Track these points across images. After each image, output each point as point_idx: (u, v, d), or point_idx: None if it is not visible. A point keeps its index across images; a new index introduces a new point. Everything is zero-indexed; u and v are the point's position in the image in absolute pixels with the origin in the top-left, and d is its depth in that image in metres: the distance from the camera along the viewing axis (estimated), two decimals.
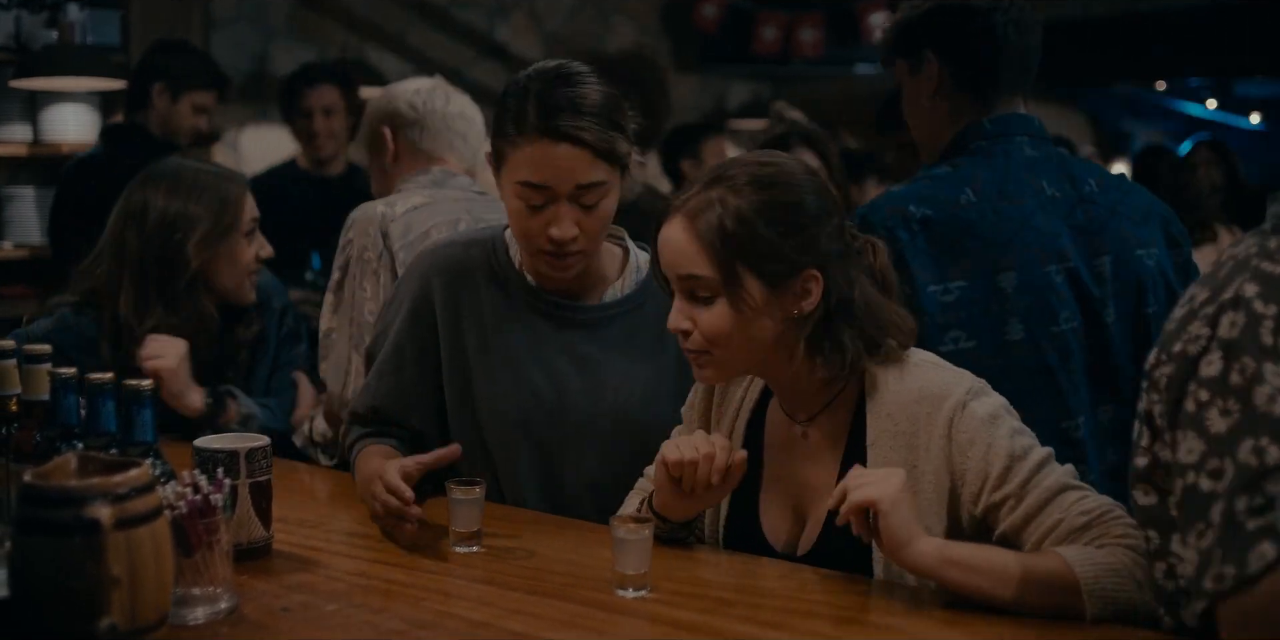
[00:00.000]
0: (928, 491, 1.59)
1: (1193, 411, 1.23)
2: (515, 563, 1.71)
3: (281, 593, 1.58)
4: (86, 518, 1.25)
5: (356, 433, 2.08)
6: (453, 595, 1.59)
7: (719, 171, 1.65)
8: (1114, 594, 1.43)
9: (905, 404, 1.62)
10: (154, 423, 1.61)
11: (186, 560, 1.46)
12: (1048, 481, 1.53)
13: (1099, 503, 1.51)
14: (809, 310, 1.62)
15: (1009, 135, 2.09)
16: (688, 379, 2.00)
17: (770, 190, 1.62)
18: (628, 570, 1.57)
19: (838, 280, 1.63)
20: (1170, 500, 1.30)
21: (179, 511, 1.46)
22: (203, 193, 2.47)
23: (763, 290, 1.61)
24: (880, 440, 1.63)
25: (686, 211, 1.63)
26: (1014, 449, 1.55)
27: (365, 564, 1.72)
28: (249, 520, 1.70)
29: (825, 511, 1.63)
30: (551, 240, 1.86)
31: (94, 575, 1.25)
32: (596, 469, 1.97)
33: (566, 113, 1.80)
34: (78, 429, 1.64)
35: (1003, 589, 1.45)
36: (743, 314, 1.61)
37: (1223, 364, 1.21)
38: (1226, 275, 1.27)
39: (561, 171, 1.82)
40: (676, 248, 1.64)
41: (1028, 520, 1.53)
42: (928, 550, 1.47)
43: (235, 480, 1.67)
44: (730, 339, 1.63)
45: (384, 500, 1.76)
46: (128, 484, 1.30)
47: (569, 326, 1.99)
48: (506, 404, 1.97)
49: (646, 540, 1.57)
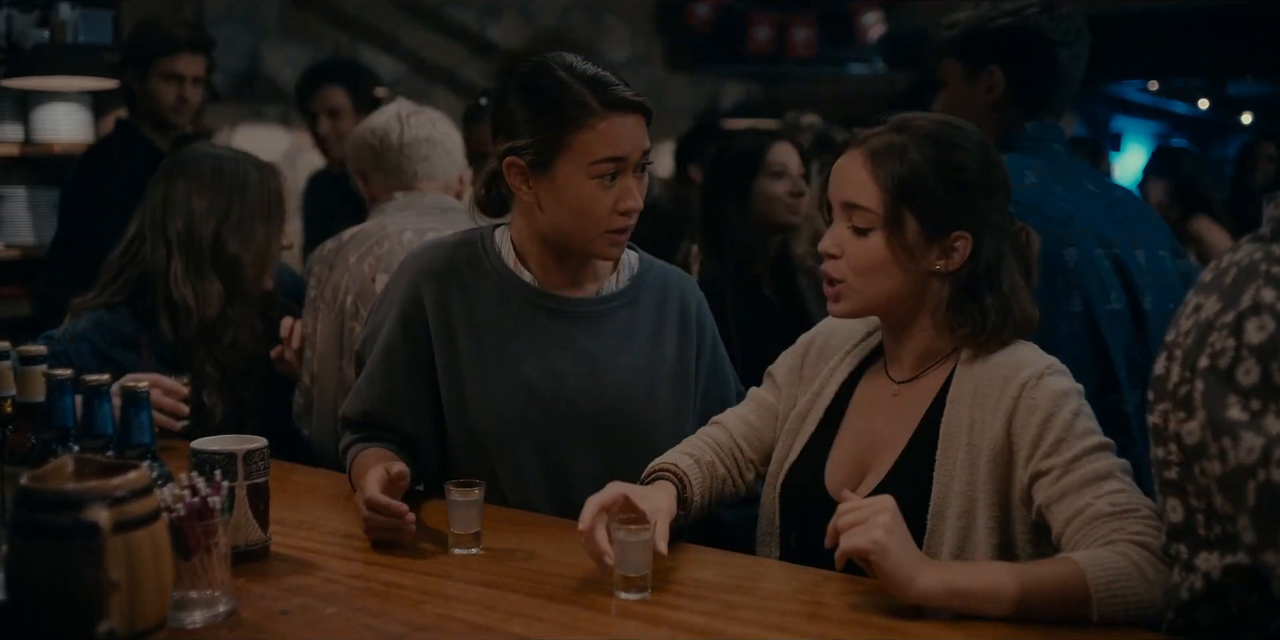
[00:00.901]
0: (984, 453, 1.64)
1: (1245, 419, 1.20)
2: (516, 565, 1.70)
3: (280, 596, 1.57)
4: (85, 521, 1.24)
5: (349, 438, 2.07)
6: (453, 598, 1.58)
7: (906, 120, 1.74)
8: (1124, 598, 1.43)
9: (991, 368, 1.69)
10: (151, 424, 1.59)
11: (184, 563, 1.45)
12: (1096, 464, 1.57)
13: (1131, 499, 1.54)
14: (953, 268, 1.71)
15: (1046, 140, 2.28)
16: (686, 372, 2.01)
17: (947, 148, 1.71)
18: (629, 573, 1.56)
19: (988, 249, 1.71)
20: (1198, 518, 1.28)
21: (177, 514, 1.44)
22: (246, 181, 2.51)
23: (918, 236, 1.70)
24: (959, 398, 1.70)
25: (869, 148, 1.72)
26: (1074, 426, 1.61)
27: (363, 566, 1.71)
28: (246, 523, 1.69)
29: (887, 465, 1.72)
30: (625, 214, 1.90)
31: (93, 579, 1.24)
32: (599, 464, 1.95)
33: (616, 85, 1.87)
34: (73, 431, 1.62)
35: (1010, 610, 1.45)
36: (893, 253, 1.70)
37: (1260, 369, 1.19)
38: (1235, 284, 1.25)
39: (633, 140, 1.88)
40: (851, 178, 1.72)
41: (1063, 495, 1.56)
42: (932, 585, 1.47)
43: (233, 482, 1.65)
44: (873, 273, 1.71)
45: (379, 523, 1.75)
46: (126, 487, 1.29)
47: (566, 320, 1.99)
48: (502, 403, 1.95)
49: (647, 543, 1.56)
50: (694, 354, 2.05)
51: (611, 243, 1.93)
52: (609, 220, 1.90)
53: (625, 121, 1.87)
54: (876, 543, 1.46)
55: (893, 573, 1.46)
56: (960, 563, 1.59)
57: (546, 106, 1.88)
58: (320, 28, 5.75)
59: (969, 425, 1.67)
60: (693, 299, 2.09)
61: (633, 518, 1.61)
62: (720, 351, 2.11)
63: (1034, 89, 2.30)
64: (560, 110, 1.87)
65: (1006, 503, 1.63)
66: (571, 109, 1.86)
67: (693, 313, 2.07)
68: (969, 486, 1.65)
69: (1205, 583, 1.31)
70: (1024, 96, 2.29)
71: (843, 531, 1.50)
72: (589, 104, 1.86)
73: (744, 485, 1.93)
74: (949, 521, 1.64)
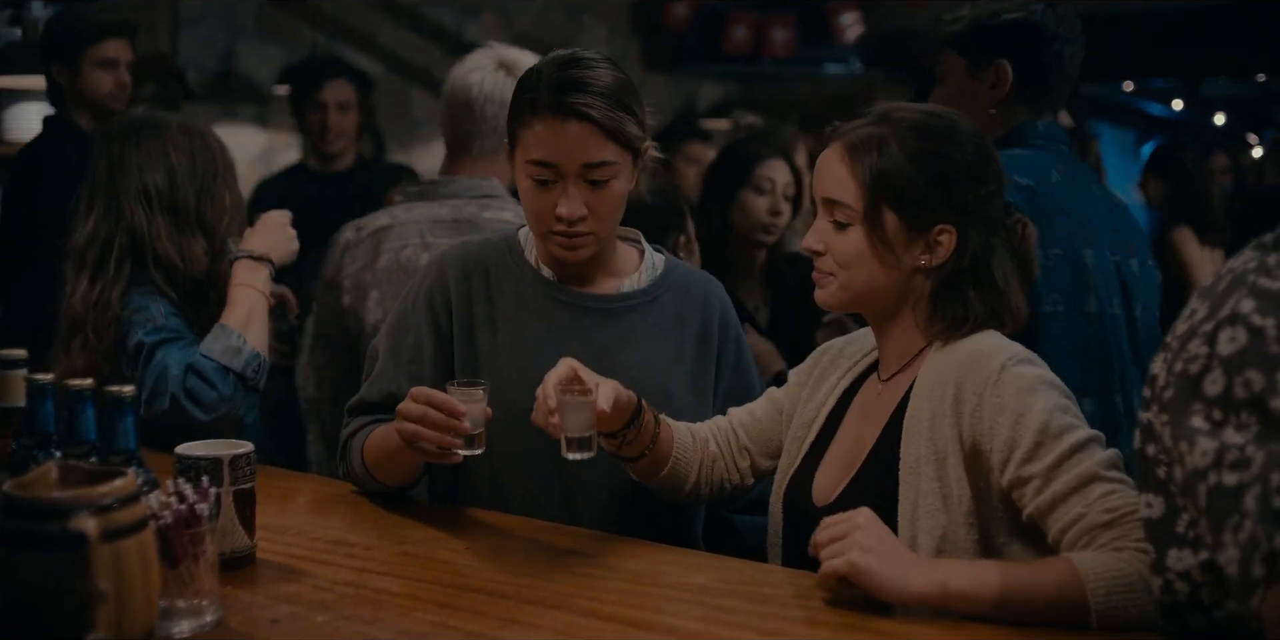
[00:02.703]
0: (951, 448, 1.60)
1: (1206, 428, 1.20)
2: (509, 571, 1.67)
3: (269, 604, 1.54)
4: (72, 530, 1.21)
5: (364, 420, 2.00)
6: (446, 605, 1.55)
7: (888, 111, 1.71)
8: (1124, 606, 1.41)
9: (953, 362, 1.65)
10: (135, 429, 1.56)
11: (171, 572, 1.41)
12: (1079, 469, 1.51)
13: (1124, 501, 1.48)
14: (937, 263, 1.68)
15: (1058, 140, 2.29)
16: (705, 370, 1.99)
17: (929, 140, 1.67)
18: (570, 433, 1.66)
19: (974, 243, 1.67)
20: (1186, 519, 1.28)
21: (164, 522, 1.41)
22: (208, 137, 2.47)
23: (899, 231, 1.66)
24: (921, 392, 1.66)
25: (847, 142, 1.69)
26: (1049, 425, 1.54)
27: (353, 573, 1.68)
28: (233, 529, 1.66)
29: (856, 466, 1.70)
30: (559, 219, 1.87)
31: (81, 590, 1.21)
32: (610, 465, 1.92)
33: (576, 91, 1.83)
34: (55, 436, 1.59)
35: (1008, 612, 1.44)
36: (875, 248, 1.67)
37: (1225, 380, 1.19)
38: (1224, 291, 1.25)
39: (570, 149, 1.84)
40: (830, 172, 1.70)
41: (1053, 506, 1.51)
42: (928, 588, 1.45)
43: (219, 488, 1.62)
44: (857, 266, 1.69)
45: (433, 420, 1.69)
46: (113, 494, 1.26)
47: (585, 315, 1.98)
48: (514, 395, 1.91)
49: (587, 404, 1.65)
50: (714, 357, 2.03)
51: (559, 244, 1.91)
52: (548, 222, 1.89)
53: (565, 128, 1.83)
54: (853, 564, 1.45)
55: (881, 587, 1.45)
56: (953, 561, 1.54)
57: (516, 97, 1.90)
58: (297, 27, 5.71)
59: (930, 418, 1.63)
60: (716, 302, 2.06)
61: (579, 387, 1.68)
62: (745, 357, 2.08)
63: (1039, 84, 2.29)
64: (518, 102, 1.89)
65: (984, 499, 1.59)
66: (523, 104, 1.87)
67: (715, 316, 2.04)
68: (938, 483, 1.60)
69: (1188, 585, 1.30)
70: (1029, 91, 2.28)
71: (823, 548, 1.49)
72: (537, 102, 1.85)
73: (740, 473, 1.92)
74: (921, 521, 1.60)
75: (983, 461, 1.59)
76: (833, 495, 1.71)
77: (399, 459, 1.88)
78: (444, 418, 1.69)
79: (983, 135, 1.74)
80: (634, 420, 1.76)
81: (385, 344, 2.03)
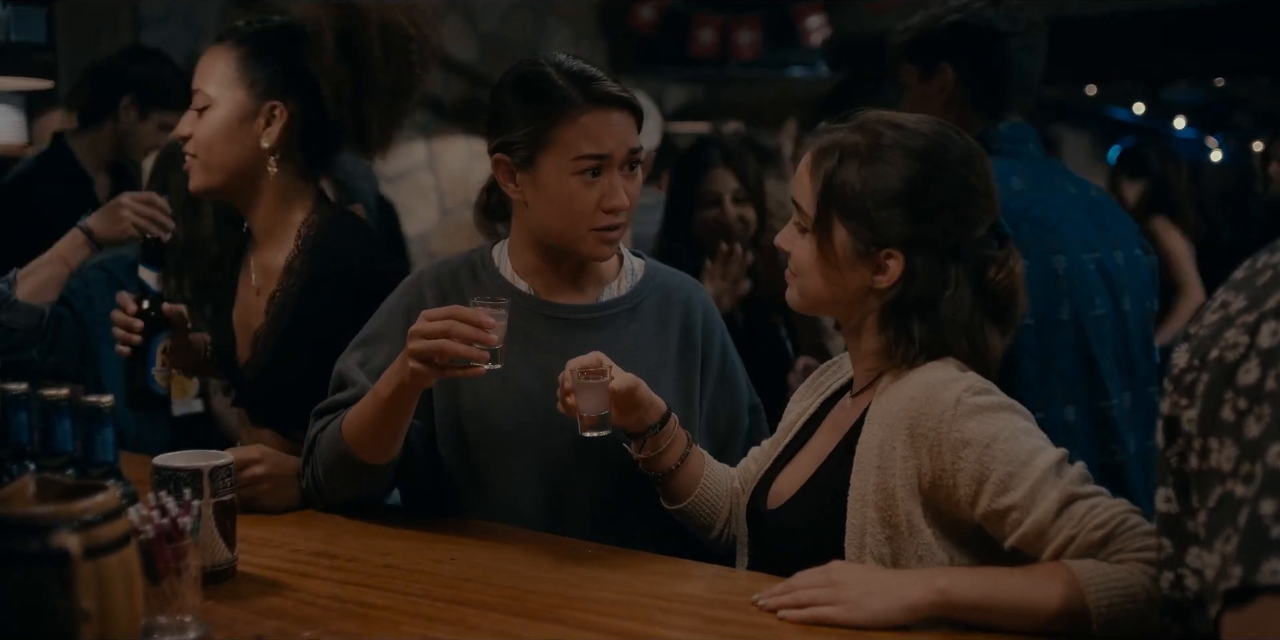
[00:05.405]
0: (902, 486, 1.54)
1: (1232, 420, 1.20)
2: (497, 582, 1.64)
3: (253, 619, 1.50)
4: (54, 548, 1.16)
5: (333, 416, 1.92)
6: (434, 619, 1.52)
7: (869, 121, 1.64)
8: (1125, 616, 1.40)
9: (903, 394, 1.58)
10: (115, 441, 1.52)
11: (153, 588, 1.37)
12: (1055, 493, 1.46)
13: (1111, 513, 1.45)
14: (883, 287, 1.62)
15: (1022, 141, 2.26)
16: (690, 375, 1.97)
17: (897, 159, 1.59)
18: (585, 412, 1.73)
19: (923, 273, 1.60)
20: (1197, 514, 1.27)
21: (145, 537, 1.37)
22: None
23: (847, 247, 1.61)
24: (874, 418, 1.60)
25: (818, 148, 1.65)
26: (1015, 452, 1.49)
27: (337, 586, 1.64)
28: (213, 542, 1.62)
29: (808, 474, 1.68)
30: (609, 212, 1.86)
31: (63, 610, 1.16)
32: (597, 473, 1.90)
33: (603, 81, 1.85)
34: (30, 448, 1.54)
35: (1009, 623, 1.43)
36: (825, 258, 1.63)
37: (1260, 371, 1.19)
38: (1268, 285, 1.25)
39: (618, 136, 1.85)
40: (799, 175, 1.68)
41: (1040, 533, 1.47)
42: (932, 597, 1.44)
43: (199, 500, 1.58)
44: (810, 274, 1.66)
45: (460, 332, 1.66)
46: (95, 510, 1.21)
47: (566, 327, 1.95)
48: (498, 412, 1.89)
49: (601, 385, 1.72)
50: (698, 362, 2.01)
51: (601, 240, 1.90)
52: (594, 218, 1.87)
53: (610, 117, 1.85)
54: (852, 622, 1.44)
55: (876, 619, 1.44)
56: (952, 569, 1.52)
57: (532, 101, 1.86)
58: None
59: (878, 449, 1.57)
60: (698, 305, 2.03)
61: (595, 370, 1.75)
62: (731, 359, 2.06)
63: (986, 83, 2.26)
64: (545, 105, 1.85)
65: (951, 531, 1.55)
66: (556, 103, 1.84)
67: (698, 320, 2.02)
68: (885, 514, 1.56)
69: (1200, 581, 1.29)
70: (977, 92, 2.26)
71: (805, 606, 1.48)
72: (573, 98, 1.84)
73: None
74: (869, 548, 1.56)
75: (944, 496, 1.53)
76: (782, 500, 1.70)
77: (388, 423, 1.81)
78: (472, 329, 1.68)
79: (978, 165, 1.63)
80: (660, 425, 1.80)
81: (356, 358, 1.97)
